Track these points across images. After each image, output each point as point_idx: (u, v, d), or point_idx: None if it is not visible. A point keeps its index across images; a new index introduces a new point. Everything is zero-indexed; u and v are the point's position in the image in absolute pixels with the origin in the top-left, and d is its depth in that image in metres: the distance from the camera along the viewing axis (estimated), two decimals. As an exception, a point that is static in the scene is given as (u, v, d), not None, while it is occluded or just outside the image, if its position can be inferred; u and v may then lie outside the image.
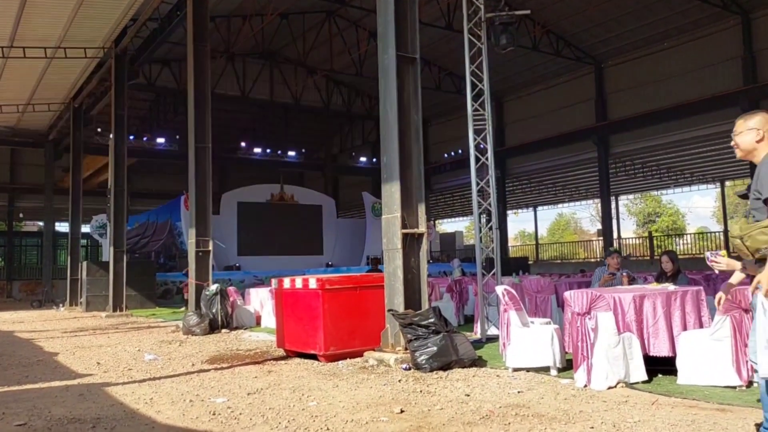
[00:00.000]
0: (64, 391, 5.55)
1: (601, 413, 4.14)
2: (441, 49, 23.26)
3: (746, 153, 3.41)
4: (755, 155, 3.36)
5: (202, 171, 11.83)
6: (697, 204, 59.81)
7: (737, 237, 3.26)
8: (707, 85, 19.52)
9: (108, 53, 16.30)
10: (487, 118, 8.90)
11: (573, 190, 32.17)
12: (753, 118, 3.37)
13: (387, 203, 7.01)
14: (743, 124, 3.40)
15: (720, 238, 27.78)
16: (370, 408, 4.52)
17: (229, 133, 29.98)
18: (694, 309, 5.43)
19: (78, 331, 11.38)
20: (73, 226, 20.87)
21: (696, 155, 23.90)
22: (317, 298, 6.98)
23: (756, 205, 3.27)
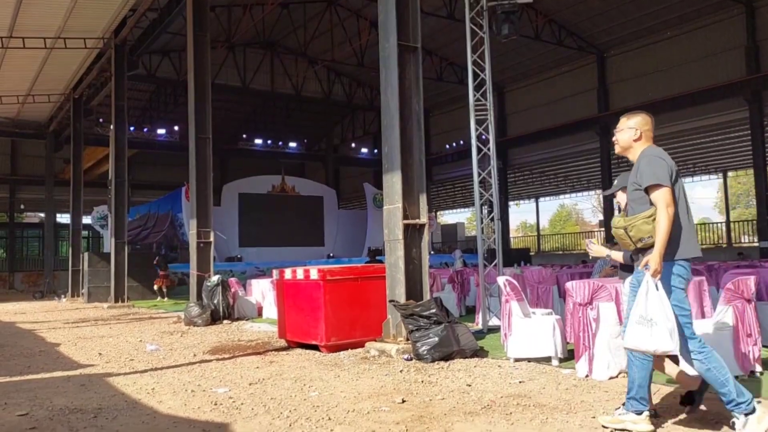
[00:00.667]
0: (65, 381, 5.56)
1: (603, 403, 4.13)
2: (442, 39, 23.16)
3: (624, 149, 3.68)
4: (631, 152, 3.64)
5: (203, 162, 11.80)
6: (699, 195, 59.74)
7: (621, 228, 3.52)
8: (710, 74, 19.43)
9: (107, 44, 16.25)
10: (488, 108, 8.86)
11: (575, 181, 32.12)
12: (633, 118, 3.64)
13: (388, 194, 6.99)
14: (624, 123, 3.67)
15: (722, 228, 27.76)
16: (371, 398, 4.52)
17: (230, 124, 30.00)
18: (696, 299, 5.42)
19: (80, 322, 11.40)
20: (74, 217, 20.90)
21: (698, 145, 23.84)
22: (318, 288, 6.98)
23: (636, 196, 3.51)
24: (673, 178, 3.41)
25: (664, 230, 3.29)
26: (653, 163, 3.44)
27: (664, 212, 3.31)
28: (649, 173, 3.41)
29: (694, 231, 3.53)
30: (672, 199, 3.35)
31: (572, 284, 5.22)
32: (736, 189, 42.90)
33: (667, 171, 3.40)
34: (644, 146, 3.60)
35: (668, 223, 3.30)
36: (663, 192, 3.35)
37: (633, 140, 3.62)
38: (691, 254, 3.45)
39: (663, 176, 3.38)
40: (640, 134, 3.61)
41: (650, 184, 3.39)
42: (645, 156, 3.51)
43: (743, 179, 38.99)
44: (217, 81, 22.95)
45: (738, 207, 44.47)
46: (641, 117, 3.65)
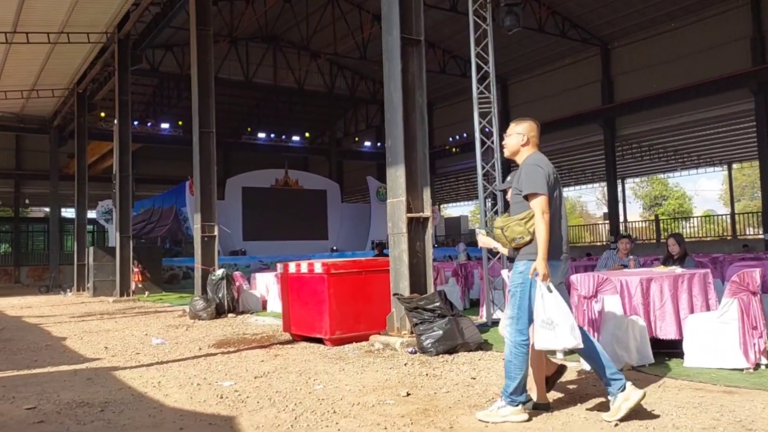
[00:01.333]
0: (72, 375, 5.59)
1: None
2: (445, 31, 23.08)
3: (512, 153, 3.91)
4: (519, 156, 3.87)
5: (207, 156, 11.82)
6: (704, 187, 59.52)
7: (499, 228, 3.81)
8: (715, 66, 19.31)
9: (111, 38, 16.26)
10: (492, 100, 8.83)
11: (579, 174, 32.04)
12: (521, 124, 3.88)
13: (392, 187, 6.98)
14: (513, 128, 3.90)
15: (726, 220, 27.67)
16: (376, 391, 4.54)
17: (233, 118, 30.01)
18: (702, 292, 5.40)
19: (85, 316, 11.46)
20: (79, 211, 20.97)
21: (703, 137, 23.75)
22: (323, 282, 6.99)
23: (516, 199, 3.77)
24: (551, 185, 3.66)
25: (543, 236, 3.55)
26: (532, 172, 3.68)
27: (540, 219, 3.57)
28: (528, 182, 3.65)
29: (565, 232, 3.79)
30: (548, 206, 3.60)
31: (577, 277, 5.22)
32: (741, 181, 42.75)
33: (545, 179, 3.64)
34: (530, 151, 3.82)
35: (546, 229, 3.56)
36: (540, 200, 3.60)
37: (521, 145, 3.84)
38: (564, 254, 3.74)
39: (540, 185, 3.61)
40: (527, 140, 3.83)
41: (529, 192, 3.64)
42: (526, 164, 3.75)
43: (748, 171, 38.85)
44: (220, 75, 22.90)
45: (743, 199, 44.34)
46: (528, 123, 3.87)
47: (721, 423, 3.44)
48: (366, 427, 3.63)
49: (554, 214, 3.68)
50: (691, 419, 3.53)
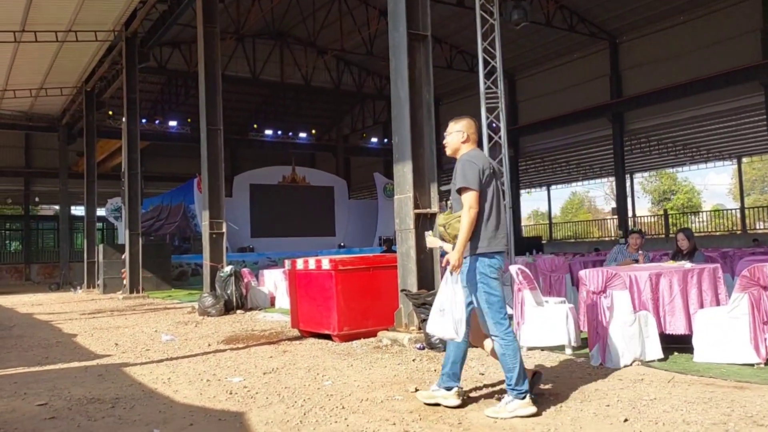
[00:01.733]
0: (83, 371, 5.64)
1: (617, 391, 4.13)
2: (452, 27, 22.98)
3: (453, 151, 4.00)
4: (459, 153, 3.96)
5: (214, 153, 11.85)
6: (713, 181, 59.15)
7: (442, 225, 3.91)
8: (724, 59, 19.12)
9: (118, 36, 16.30)
10: (499, 95, 8.81)
11: (587, 169, 31.88)
12: (460, 122, 3.99)
13: (399, 183, 6.98)
14: (453, 126, 4.00)
15: (736, 215, 27.48)
16: (384, 387, 4.54)
17: (241, 114, 30.06)
18: (711, 287, 5.38)
19: (96, 313, 11.54)
20: (89, 209, 21.09)
21: (712, 131, 23.56)
22: (330, 278, 7.00)
23: (456, 197, 3.84)
24: (484, 181, 3.75)
25: (465, 229, 3.65)
26: (465, 167, 3.76)
27: (466, 213, 3.67)
28: (461, 176, 3.74)
29: (503, 228, 3.85)
30: (477, 201, 3.69)
31: (585, 272, 5.20)
32: (750, 175, 42.40)
33: (477, 175, 3.72)
34: (469, 148, 3.93)
35: (469, 223, 3.64)
36: (469, 195, 3.69)
37: (461, 142, 3.95)
38: (496, 249, 3.79)
39: (472, 180, 3.70)
40: (467, 136, 3.94)
41: (460, 186, 3.74)
42: (461, 160, 3.84)
43: (758, 165, 38.54)
44: (227, 72, 22.95)
45: (753, 193, 43.97)
46: (467, 121, 3.99)
47: (731, 418, 3.42)
48: (375, 423, 3.64)
49: (489, 208, 3.77)
50: (701, 414, 3.52)
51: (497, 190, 3.85)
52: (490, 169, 3.82)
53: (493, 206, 3.79)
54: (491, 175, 3.81)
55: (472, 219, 3.66)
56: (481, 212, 3.74)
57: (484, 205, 3.75)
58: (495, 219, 3.79)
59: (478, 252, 3.74)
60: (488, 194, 3.77)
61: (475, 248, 3.73)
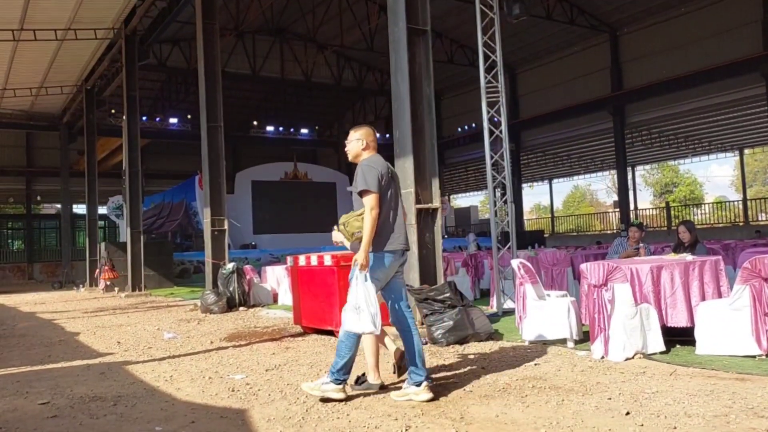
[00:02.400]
0: (85, 369, 5.65)
1: (619, 384, 4.13)
2: (452, 21, 22.93)
3: (354, 157, 4.26)
4: (360, 160, 4.20)
5: (215, 150, 11.85)
6: (715, 173, 59.10)
7: (342, 223, 4.14)
8: (725, 50, 19.06)
9: (118, 34, 16.29)
10: (500, 90, 8.77)
11: (589, 162, 31.83)
12: (359, 131, 4.25)
13: (400, 178, 6.95)
14: (353, 135, 4.26)
15: (738, 207, 27.42)
16: (387, 382, 4.54)
17: (241, 111, 30.01)
18: (713, 279, 5.36)
19: (98, 311, 11.56)
20: (90, 207, 21.12)
21: (714, 123, 23.49)
22: (333, 274, 6.99)
23: (356, 197, 4.09)
24: (383, 184, 4.01)
25: (368, 230, 3.88)
26: (366, 171, 4.01)
27: (368, 215, 3.90)
28: (361, 180, 3.99)
29: (400, 227, 4.11)
30: (377, 203, 3.92)
31: (587, 266, 5.19)
32: (752, 166, 42.32)
33: (377, 179, 3.97)
34: (369, 155, 4.17)
35: (371, 224, 3.89)
36: (370, 197, 3.93)
37: (361, 149, 4.21)
38: (396, 247, 4.06)
39: (372, 183, 3.94)
40: (366, 144, 4.21)
41: (360, 189, 3.98)
42: (361, 165, 4.09)
43: (760, 156, 38.47)
44: (227, 69, 22.90)
45: (755, 184, 43.88)
46: (365, 129, 4.26)
47: (733, 410, 3.42)
48: (376, 418, 3.64)
49: (387, 210, 4.02)
50: (702, 407, 3.51)
51: (395, 193, 4.14)
52: (388, 174, 4.09)
53: (390, 208, 4.07)
54: (390, 180, 4.09)
55: (374, 220, 3.90)
56: (380, 213, 3.99)
57: (383, 206, 4.01)
58: (392, 220, 4.07)
59: (379, 250, 4.02)
60: (387, 197, 4.05)
61: (376, 246, 3.99)
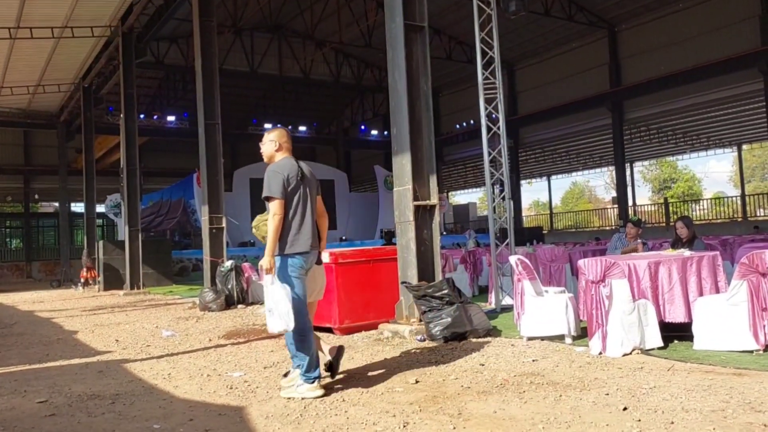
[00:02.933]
0: (83, 368, 5.65)
1: (617, 380, 4.13)
2: (451, 17, 22.90)
3: (269, 158, 4.34)
4: (274, 161, 4.31)
5: (213, 148, 11.84)
6: (714, 169, 59.13)
7: (254, 226, 4.34)
8: (723, 46, 19.05)
9: (115, 32, 16.25)
10: (497, 86, 8.76)
11: (587, 158, 31.83)
12: (273, 133, 4.36)
13: (398, 175, 6.96)
14: (267, 137, 4.36)
15: (737, 202, 27.44)
16: (385, 379, 4.55)
17: (240, 109, 29.97)
18: (711, 274, 5.37)
19: (96, 310, 11.55)
20: (88, 206, 21.11)
21: (712, 119, 23.50)
22: (330, 272, 6.97)
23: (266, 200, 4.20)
24: (290, 188, 4.11)
25: (271, 235, 4.02)
26: (270, 178, 4.12)
27: (271, 220, 4.04)
28: (266, 186, 4.11)
29: (308, 230, 4.19)
30: (280, 208, 4.05)
31: (584, 262, 5.19)
32: (751, 162, 42.32)
33: (281, 184, 4.08)
34: (282, 156, 4.28)
35: (274, 229, 4.02)
36: (274, 203, 4.06)
37: (274, 151, 4.30)
38: (301, 249, 4.14)
39: (275, 189, 4.07)
40: (279, 145, 4.30)
41: (265, 195, 4.12)
42: (268, 170, 4.19)
43: (758, 152, 38.48)
44: (224, 66, 22.86)
45: (753, 180, 43.91)
46: (278, 131, 4.35)
47: (730, 405, 3.42)
48: (375, 415, 3.64)
49: (294, 213, 4.13)
50: (700, 402, 3.52)
51: (304, 195, 4.20)
52: (297, 176, 4.17)
53: (297, 211, 4.15)
54: (299, 182, 4.17)
55: (276, 225, 4.03)
56: (286, 217, 4.09)
57: (289, 210, 4.11)
58: (299, 223, 4.15)
59: (284, 253, 4.11)
60: (293, 200, 4.14)
61: (281, 249, 4.10)
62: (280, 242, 4.09)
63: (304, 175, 4.22)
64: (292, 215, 4.12)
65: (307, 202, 4.21)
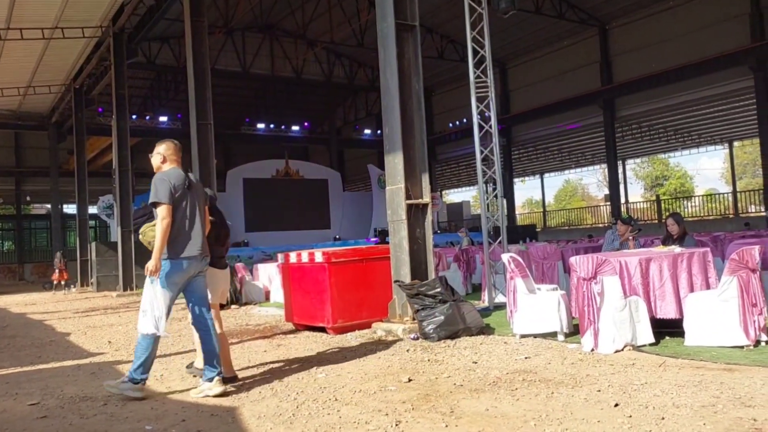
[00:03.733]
0: (76, 370, 5.63)
1: (608, 376, 4.15)
2: (443, 16, 22.91)
3: (156, 169, 4.46)
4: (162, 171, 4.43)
5: (205, 148, 11.81)
6: (705, 166, 59.42)
7: (141, 233, 4.42)
8: (714, 43, 19.14)
9: (106, 32, 16.18)
10: (489, 85, 8.77)
11: (579, 156, 31.91)
12: (161, 146, 4.50)
13: (390, 174, 6.97)
14: (156, 149, 4.50)
15: (728, 199, 27.60)
16: (378, 378, 4.55)
17: (232, 109, 29.89)
18: (701, 270, 5.39)
19: (89, 311, 11.50)
20: (80, 207, 21.01)
21: (703, 116, 23.60)
22: (324, 271, 7.00)
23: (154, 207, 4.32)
24: (177, 194, 4.24)
25: (158, 239, 4.14)
26: (157, 185, 4.26)
27: (159, 224, 4.17)
28: (153, 193, 4.24)
29: (197, 235, 4.34)
30: (168, 213, 4.17)
31: (576, 259, 5.21)
32: (742, 159, 42.53)
33: (168, 191, 4.21)
34: (169, 167, 4.41)
35: (162, 233, 4.14)
36: (161, 209, 4.18)
37: (161, 163, 4.44)
38: (189, 254, 4.28)
39: (162, 196, 4.19)
40: (164, 158, 4.45)
41: (151, 201, 4.25)
42: (154, 178, 4.33)
43: (749, 149, 38.68)
44: (216, 66, 22.82)
45: (745, 177, 44.15)
46: (166, 144, 4.50)
47: (720, 400, 3.45)
48: (367, 414, 3.65)
49: (181, 218, 4.26)
50: (691, 397, 3.54)
51: (192, 202, 4.35)
52: (184, 185, 4.31)
53: (186, 217, 4.30)
54: (186, 190, 4.31)
55: (165, 228, 4.15)
56: (174, 222, 4.22)
57: (177, 216, 4.24)
58: (188, 228, 4.30)
59: (171, 257, 4.23)
60: (181, 207, 4.28)
61: (169, 253, 4.22)
62: (169, 246, 4.21)
63: (191, 184, 4.38)
64: (180, 221, 4.27)
65: (196, 209, 4.37)
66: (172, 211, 4.21)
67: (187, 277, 4.33)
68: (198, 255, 4.33)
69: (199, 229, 4.37)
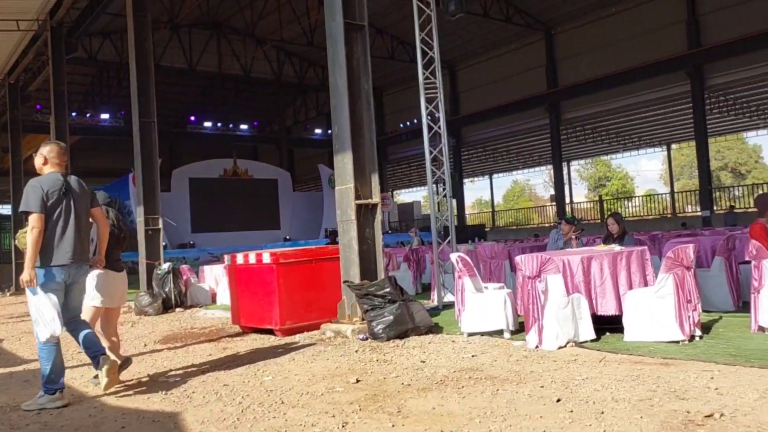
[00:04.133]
0: (7, 378, 5.37)
1: (551, 372, 4.24)
2: (393, 17, 23.01)
3: (38, 170, 4.39)
4: (42, 174, 4.37)
5: (148, 146, 11.47)
6: (645, 167, 61.78)
7: (16, 238, 4.52)
8: (653, 49, 19.90)
9: (43, 26, 15.52)
10: (438, 86, 8.85)
11: (527, 157, 32.63)
12: (44, 147, 4.41)
13: (340, 174, 6.93)
14: (39, 150, 4.40)
15: (667, 199, 28.75)
16: (326, 379, 4.52)
17: (178, 107, 29.26)
18: (639, 268, 5.58)
19: (24, 316, 10.97)
20: (16, 208, 20.06)
21: (643, 119, 24.50)
22: (272, 272, 6.90)
23: None
24: (50, 202, 4.16)
25: (30, 248, 4.08)
26: (28, 192, 4.17)
27: (29, 233, 4.10)
28: (24, 200, 4.17)
29: (68, 243, 4.22)
30: (38, 222, 4.09)
31: (521, 258, 5.31)
32: (680, 161, 44.40)
33: (40, 199, 4.12)
34: (48, 171, 4.33)
35: (33, 242, 4.07)
36: (32, 217, 4.10)
37: (42, 164, 4.36)
38: (60, 262, 4.19)
39: (33, 204, 4.11)
40: (45, 160, 4.35)
41: (21, 209, 4.17)
42: (27, 186, 4.25)
43: (686, 151, 40.36)
44: (161, 63, 22.27)
45: (682, 178, 46.09)
46: (49, 147, 4.40)
47: (656, 394, 3.57)
48: (314, 416, 3.61)
49: (54, 226, 4.17)
50: (629, 392, 3.65)
51: (67, 208, 4.25)
52: (60, 190, 4.22)
53: (58, 225, 4.20)
54: (61, 196, 4.22)
55: (36, 238, 4.08)
56: (46, 230, 4.14)
57: (49, 224, 4.16)
58: (59, 236, 4.20)
59: (43, 265, 4.15)
60: (54, 214, 4.19)
61: (41, 261, 4.15)
62: (41, 254, 4.13)
63: (69, 189, 4.28)
64: (51, 229, 4.17)
65: (70, 216, 4.26)
66: (45, 219, 4.13)
67: (63, 284, 4.25)
68: (69, 263, 4.21)
69: (72, 235, 4.25)
